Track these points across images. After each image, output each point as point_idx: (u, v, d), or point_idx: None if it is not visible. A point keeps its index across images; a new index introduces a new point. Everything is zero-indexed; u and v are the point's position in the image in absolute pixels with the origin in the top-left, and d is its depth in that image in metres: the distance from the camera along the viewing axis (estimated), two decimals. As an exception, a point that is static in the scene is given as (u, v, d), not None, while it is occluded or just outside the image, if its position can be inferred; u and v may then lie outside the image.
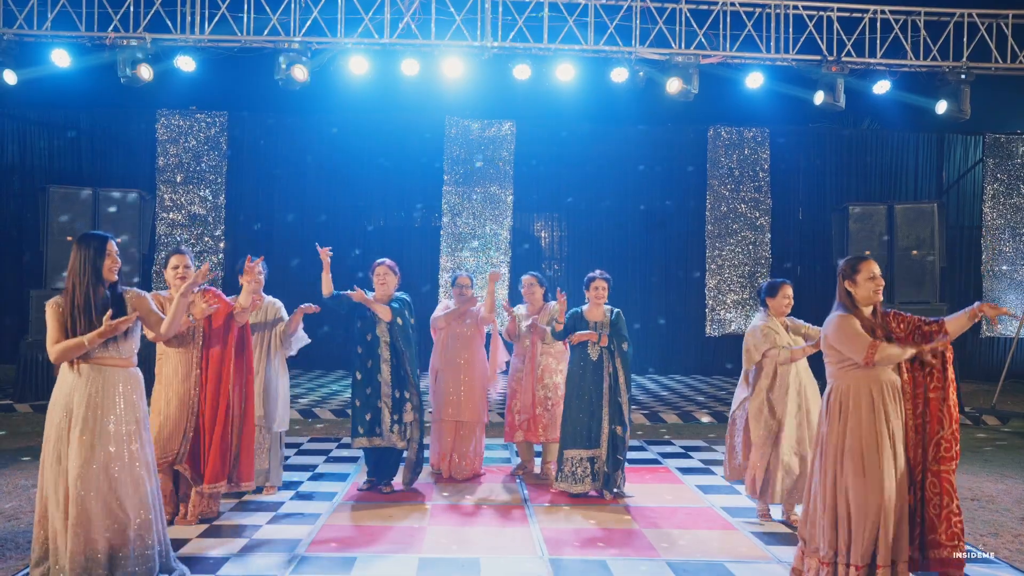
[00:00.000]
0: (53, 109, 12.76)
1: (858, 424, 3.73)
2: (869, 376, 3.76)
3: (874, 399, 3.74)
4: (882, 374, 3.77)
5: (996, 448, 7.84)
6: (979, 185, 13.24)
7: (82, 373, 3.70)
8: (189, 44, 9.22)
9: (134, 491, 3.70)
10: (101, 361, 3.71)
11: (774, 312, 5.23)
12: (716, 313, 13.08)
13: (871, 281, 3.80)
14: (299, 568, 4.24)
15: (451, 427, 6.22)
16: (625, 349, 5.73)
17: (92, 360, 3.71)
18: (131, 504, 3.67)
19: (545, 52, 9.46)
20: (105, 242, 3.76)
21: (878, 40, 9.62)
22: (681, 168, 13.46)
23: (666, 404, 10.14)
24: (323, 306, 5.67)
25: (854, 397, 3.78)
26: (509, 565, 4.35)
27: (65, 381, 3.72)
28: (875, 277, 3.82)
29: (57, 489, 3.61)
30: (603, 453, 5.65)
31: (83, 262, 3.70)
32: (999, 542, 4.87)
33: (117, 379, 3.73)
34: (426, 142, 12.96)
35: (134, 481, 3.70)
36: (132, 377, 3.80)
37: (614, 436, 5.65)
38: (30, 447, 7.05)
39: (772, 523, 5.18)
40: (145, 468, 3.76)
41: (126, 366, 3.78)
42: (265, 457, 5.56)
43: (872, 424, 3.72)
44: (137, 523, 3.68)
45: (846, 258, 3.94)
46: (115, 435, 3.68)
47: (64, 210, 9.72)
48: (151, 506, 3.76)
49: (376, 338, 5.66)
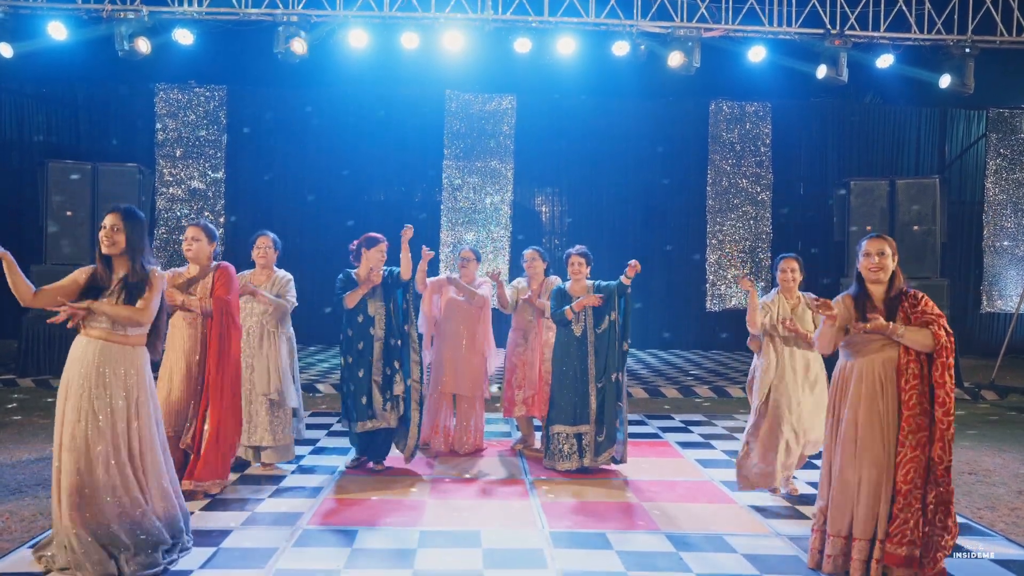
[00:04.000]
0: (50, 83, 12.67)
1: (855, 403, 3.83)
2: (864, 356, 3.85)
3: (864, 378, 3.82)
4: (880, 355, 3.82)
5: (995, 422, 7.88)
6: (982, 160, 13.17)
7: (88, 346, 3.71)
8: (187, 17, 9.14)
9: (139, 461, 3.73)
10: (104, 336, 3.72)
11: (781, 288, 5.21)
12: (716, 288, 13.08)
13: (865, 259, 3.89)
14: (301, 541, 4.27)
15: (449, 400, 6.25)
16: (613, 319, 5.67)
17: (95, 334, 3.72)
18: (137, 473, 3.71)
19: (546, 25, 9.38)
20: (104, 215, 3.80)
21: (882, 13, 9.52)
22: (682, 142, 13.40)
23: (666, 379, 10.17)
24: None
25: (850, 375, 3.90)
26: (509, 538, 4.38)
27: (71, 357, 3.75)
28: (868, 255, 3.88)
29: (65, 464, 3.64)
30: (591, 429, 5.65)
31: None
32: (995, 515, 4.91)
33: (119, 354, 3.74)
34: (426, 116, 12.88)
35: (139, 451, 3.73)
36: (134, 352, 3.80)
37: (601, 410, 5.62)
38: (31, 421, 7.09)
39: (780, 497, 5.21)
40: (150, 442, 3.78)
41: (126, 342, 3.77)
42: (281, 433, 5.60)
43: (861, 403, 3.81)
44: (143, 492, 3.72)
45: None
46: (117, 409, 3.69)
47: (63, 185, 9.68)
48: (161, 475, 3.80)
49: (369, 318, 5.55)
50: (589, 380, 5.67)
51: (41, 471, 5.44)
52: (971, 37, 9.50)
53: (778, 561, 4.11)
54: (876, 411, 3.79)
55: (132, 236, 3.77)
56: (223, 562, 3.94)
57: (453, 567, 3.95)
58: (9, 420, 7.16)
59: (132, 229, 3.77)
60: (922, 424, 3.71)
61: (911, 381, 3.73)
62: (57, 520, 3.65)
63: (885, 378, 3.80)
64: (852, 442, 3.83)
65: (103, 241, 3.74)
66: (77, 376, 3.69)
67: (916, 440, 3.69)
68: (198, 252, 4.93)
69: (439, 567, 3.95)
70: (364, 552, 4.12)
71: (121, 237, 3.75)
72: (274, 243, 5.66)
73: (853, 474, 3.81)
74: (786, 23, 9.51)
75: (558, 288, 5.87)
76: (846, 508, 3.85)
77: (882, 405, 3.79)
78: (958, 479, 5.67)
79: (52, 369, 9.29)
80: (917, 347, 3.71)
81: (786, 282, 5.16)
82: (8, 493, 4.97)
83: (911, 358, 3.75)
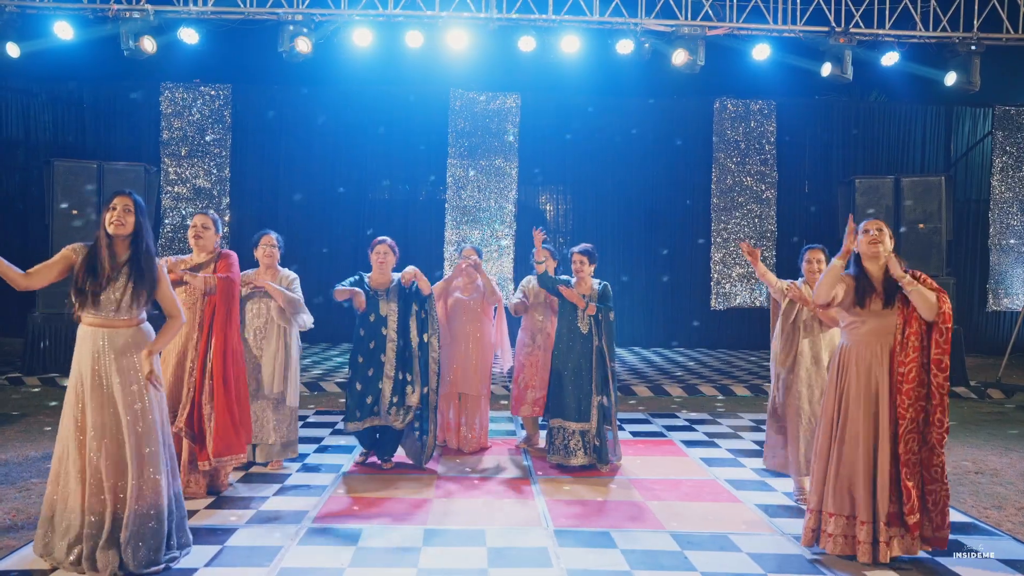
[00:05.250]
0: (57, 82, 12.71)
1: (850, 383, 4.00)
2: (861, 337, 4.02)
3: (861, 359, 3.99)
4: (880, 339, 3.97)
5: (1001, 421, 7.85)
6: (987, 158, 13.13)
7: (90, 335, 3.74)
8: (192, 16, 9.16)
9: (140, 451, 3.73)
10: (108, 323, 3.74)
11: (807, 279, 5.16)
12: (721, 286, 13.06)
13: (864, 235, 4.07)
14: (306, 539, 4.28)
15: (455, 399, 6.26)
16: (612, 319, 5.75)
17: (100, 322, 3.74)
18: (138, 464, 3.71)
19: (550, 24, 9.38)
20: (111, 198, 3.82)
21: (887, 10, 9.48)
22: (687, 141, 13.37)
23: (671, 377, 10.16)
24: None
25: (845, 356, 4.08)
26: (514, 536, 4.38)
27: (78, 345, 3.78)
28: (867, 231, 4.06)
29: (72, 450, 3.68)
30: (593, 426, 5.66)
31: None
32: (1002, 515, 4.89)
33: (124, 339, 3.76)
34: (430, 115, 12.88)
35: (141, 441, 3.73)
36: (139, 336, 3.82)
37: (602, 408, 5.66)
38: (38, 419, 7.11)
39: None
40: (152, 428, 3.79)
41: (130, 325, 3.79)
42: (285, 430, 5.62)
43: (857, 383, 3.98)
44: (143, 484, 3.72)
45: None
46: (123, 395, 3.71)
47: (69, 183, 9.71)
48: (161, 468, 3.79)
49: (381, 318, 5.58)
50: (592, 378, 5.68)
51: (49, 469, 5.45)
52: (977, 34, 9.46)
53: (783, 560, 4.10)
54: (871, 390, 3.94)
55: (140, 219, 3.80)
56: (228, 560, 3.95)
57: (458, 565, 3.95)
58: (16, 418, 7.18)
59: (140, 212, 3.81)
60: (921, 395, 3.86)
61: (911, 355, 3.85)
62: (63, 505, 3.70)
63: (882, 355, 3.96)
64: (848, 421, 3.99)
65: (112, 222, 3.74)
66: (88, 364, 3.71)
67: (915, 412, 3.84)
68: (207, 241, 4.96)
69: (444, 565, 3.95)
70: (369, 550, 4.13)
71: (131, 218, 3.77)
72: (278, 242, 5.67)
73: (851, 453, 3.95)
74: (791, 21, 9.49)
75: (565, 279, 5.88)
76: (844, 487, 3.97)
77: (876, 384, 3.94)
78: (964, 478, 5.66)
79: (58, 367, 9.32)
80: (922, 306, 3.82)
81: (812, 273, 5.10)
82: (15, 491, 4.98)
83: (912, 331, 3.87)
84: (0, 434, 6.54)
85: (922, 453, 3.87)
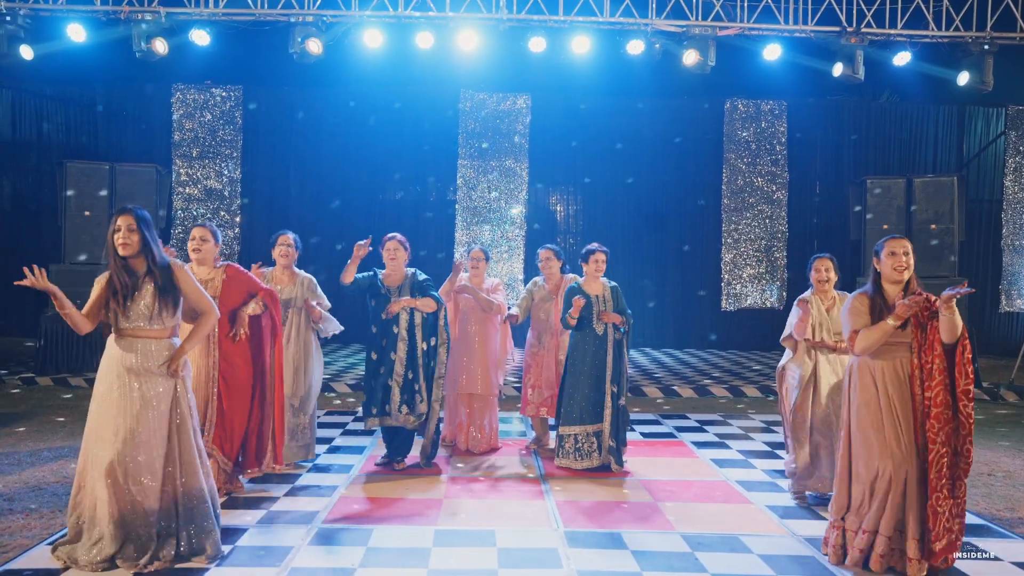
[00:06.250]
0: (69, 84, 12.80)
1: (865, 402, 3.88)
2: (884, 356, 3.86)
3: (875, 379, 3.86)
4: (893, 355, 3.85)
5: (1014, 423, 7.80)
6: (1000, 158, 13.04)
7: (124, 345, 3.79)
8: (204, 18, 9.21)
9: (179, 458, 3.82)
10: (140, 333, 3.80)
11: (816, 289, 5.14)
12: (732, 287, 13.03)
13: (891, 258, 3.91)
14: (317, 539, 4.29)
15: (465, 400, 6.26)
16: (631, 322, 5.78)
17: (131, 332, 3.79)
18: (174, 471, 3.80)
19: (560, 24, 9.38)
20: (113, 217, 3.83)
21: (899, 10, 9.44)
22: (697, 141, 13.35)
23: (682, 378, 10.14)
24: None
25: (862, 374, 3.93)
26: (524, 537, 4.38)
27: (109, 353, 3.83)
28: (895, 254, 3.91)
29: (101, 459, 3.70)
30: (607, 427, 5.66)
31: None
32: (1016, 517, 4.86)
33: (156, 349, 3.81)
34: (441, 115, 12.91)
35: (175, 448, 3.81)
36: (170, 347, 3.87)
37: (617, 409, 5.66)
38: (50, 420, 7.16)
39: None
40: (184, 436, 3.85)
41: (162, 336, 3.85)
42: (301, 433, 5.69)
43: (876, 402, 3.85)
44: (182, 491, 3.81)
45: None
46: (157, 404, 3.77)
47: (81, 185, 9.77)
48: (198, 474, 3.86)
49: (393, 316, 5.55)
50: (607, 379, 5.67)
51: (61, 468, 5.49)
52: (990, 33, 9.40)
53: (794, 562, 4.08)
54: (895, 409, 3.82)
55: (146, 234, 3.81)
56: (239, 560, 3.96)
57: (468, 566, 3.95)
58: (28, 418, 7.23)
59: (145, 227, 3.82)
60: (948, 417, 3.71)
61: (936, 377, 3.72)
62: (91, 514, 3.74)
63: (904, 376, 3.83)
64: (872, 437, 3.85)
65: (119, 244, 3.76)
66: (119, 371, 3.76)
67: (945, 436, 3.69)
68: (207, 253, 4.95)
69: (454, 566, 3.95)
70: (379, 551, 4.13)
71: (136, 237, 3.78)
72: (295, 243, 5.70)
73: (879, 469, 3.82)
74: (802, 21, 9.46)
75: (571, 288, 5.85)
76: (868, 504, 3.87)
77: (899, 404, 3.81)
78: (977, 480, 5.63)
79: (70, 368, 9.38)
80: (952, 329, 3.65)
81: (820, 282, 5.10)
82: (27, 490, 5.01)
83: (936, 354, 3.73)
84: (12, 433, 6.58)
85: (955, 482, 3.73)
